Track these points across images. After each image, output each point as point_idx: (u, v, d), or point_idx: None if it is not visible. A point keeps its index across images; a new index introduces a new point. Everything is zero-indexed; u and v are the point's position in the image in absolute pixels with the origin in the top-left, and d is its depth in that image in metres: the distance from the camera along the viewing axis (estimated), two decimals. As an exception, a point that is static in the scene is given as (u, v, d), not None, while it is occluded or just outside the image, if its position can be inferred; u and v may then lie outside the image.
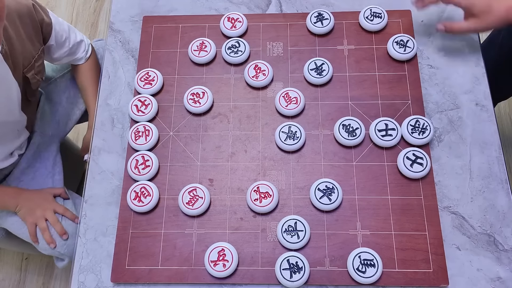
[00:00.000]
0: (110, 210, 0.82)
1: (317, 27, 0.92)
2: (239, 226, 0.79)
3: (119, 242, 0.79)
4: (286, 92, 0.86)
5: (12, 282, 1.41)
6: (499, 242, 0.77)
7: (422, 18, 0.94)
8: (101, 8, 1.85)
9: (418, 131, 0.81)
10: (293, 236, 0.75)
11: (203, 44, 0.92)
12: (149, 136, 0.85)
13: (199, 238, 0.78)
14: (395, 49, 0.88)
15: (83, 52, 1.03)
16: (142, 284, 0.77)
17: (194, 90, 0.88)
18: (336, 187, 0.78)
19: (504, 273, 0.75)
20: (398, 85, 0.88)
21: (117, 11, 1.01)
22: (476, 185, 0.81)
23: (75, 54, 1.02)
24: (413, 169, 0.79)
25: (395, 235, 0.77)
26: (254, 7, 0.98)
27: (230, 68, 0.92)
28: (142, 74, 0.90)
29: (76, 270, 0.79)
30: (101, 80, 0.94)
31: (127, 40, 0.97)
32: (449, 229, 0.78)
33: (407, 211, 0.78)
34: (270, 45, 0.93)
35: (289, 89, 0.86)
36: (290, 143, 0.82)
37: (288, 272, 0.73)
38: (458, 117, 0.86)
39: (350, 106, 0.86)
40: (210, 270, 0.74)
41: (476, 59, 0.90)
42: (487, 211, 0.79)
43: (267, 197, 0.79)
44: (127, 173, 0.83)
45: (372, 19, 0.92)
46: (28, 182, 0.99)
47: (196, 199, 0.79)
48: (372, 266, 0.73)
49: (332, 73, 0.89)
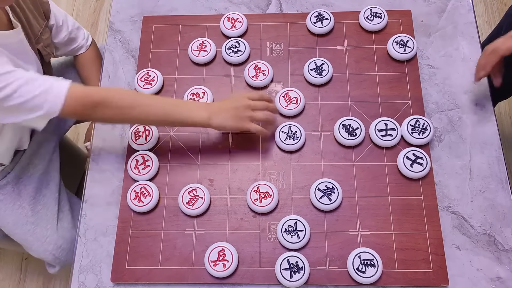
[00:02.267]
0: (110, 210, 0.82)
1: (317, 27, 0.92)
2: (239, 226, 0.79)
3: (119, 242, 0.79)
4: (286, 92, 0.86)
5: (12, 282, 1.41)
6: (499, 242, 0.77)
7: (422, 18, 0.94)
8: (101, 8, 1.85)
9: (418, 131, 0.81)
10: (293, 236, 0.75)
11: (203, 44, 0.92)
12: (149, 136, 0.85)
13: (199, 238, 0.78)
14: (395, 49, 0.88)
15: (83, 39, 1.02)
16: (142, 284, 0.77)
17: (194, 90, 0.88)
18: (336, 187, 0.78)
19: (504, 273, 0.75)
20: (398, 85, 0.87)
21: (117, 11, 1.01)
22: (476, 185, 0.81)
23: (75, 41, 1.01)
24: (413, 169, 0.79)
25: (395, 235, 0.77)
26: (254, 7, 0.98)
27: (230, 68, 0.92)
28: (142, 74, 0.90)
29: (76, 270, 0.79)
30: (101, 80, 0.94)
31: (127, 40, 0.97)
32: (449, 229, 0.78)
33: (407, 211, 0.78)
34: (270, 45, 0.93)
35: (289, 89, 0.86)
36: (290, 143, 0.82)
37: (288, 272, 0.73)
38: (458, 117, 0.86)
39: (350, 106, 0.86)
40: (210, 270, 0.74)
41: (476, 59, 0.90)
42: (487, 211, 0.79)
43: (267, 197, 0.79)
44: (127, 173, 0.83)
45: (372, 19, 0.92)
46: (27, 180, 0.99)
47: (196, 199, 0.79)
48: (372, 266, 0.73)
49: (332, 73, 0.89)
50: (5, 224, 0.96)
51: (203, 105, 0.80)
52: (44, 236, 0.95)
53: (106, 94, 0.75)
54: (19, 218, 0.95)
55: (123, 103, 0.75)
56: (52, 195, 0.99)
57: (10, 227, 0.96)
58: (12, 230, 0.96)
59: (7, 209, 0.95)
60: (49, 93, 0.70)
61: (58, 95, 0.71)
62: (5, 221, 0.96)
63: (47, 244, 0.95)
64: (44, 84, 0.71)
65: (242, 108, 0.78)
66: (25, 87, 0.69)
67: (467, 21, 0.94)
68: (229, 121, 0.77)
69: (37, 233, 0.95)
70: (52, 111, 0.71)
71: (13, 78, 0.69)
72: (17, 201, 0.95)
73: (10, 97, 0.68)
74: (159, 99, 0.81)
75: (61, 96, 0.71)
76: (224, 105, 0.79)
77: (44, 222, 0.96)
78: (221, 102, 0.80)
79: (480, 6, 1.73)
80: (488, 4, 1.74)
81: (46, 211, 0.97)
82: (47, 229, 0.96)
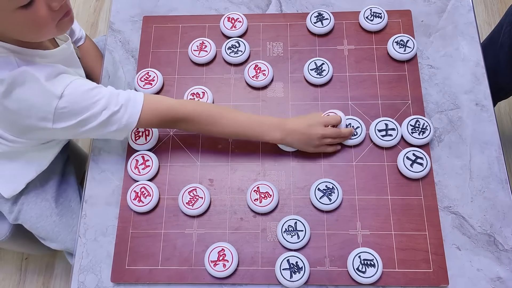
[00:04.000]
0: (110, 210, 0.82)
1: (317, 27, 0.92)
2: (239, 226, 0.79)
3: (119, 242, 0.79)
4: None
5: (12, 282, 1.41)
6: (499, 242, 0.77)
7: (422, 18, 0.94)
8: (101, 8, 1.85)
9: (418, 131, 0.81)
10: (293, 236, 0.75)
11: (203, 44, 0.92)
12: (149, 136, 0.85)
13: (199, 238, 0.78)
14: (395, 49, 0.88)
15: (80, 30, 1.01)
16: (142, 284, 0.77)
17: (194, 90, 0.88)
18: (336, 187, 0.78)
19: (504, 273, 0.75)
20: (398, 85, 0.87)
21: (117, 11, 1.01)
22: (476, 185, 0.81)
23: (74, 33, 0.99)
24: (413, 169, 0.79)
25: (395, 235, 0.77)
26: (254, 7, 0.98)
27: (230, 68, 0.92)
28: (142, 74, 0.90)
29: (76, 270, 0.79)
30: (101, 80, 0.94)
31: (127, 40, 0.97)
32: (449, 229, 0.78)
33: (407, 211, 0.78)
34: (270, 45, 0.93)
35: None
36: (290, 143, 0.82)
37: (288, 272, 0.73)
38: (458, 117, 0.86)
39: (350, 106, 0.86)
40: (210, 270, 0.74)
41: (476, 59, 0.90)
42: (487, 211, 0.79)
43: (267, 197, 0.79)
44: (127, 173, 0.83)
45: (372, 19, 0.92)
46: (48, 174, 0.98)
47: (196, 199, 0.79)
48: (372, 266, 0.73)
49: (332, 73, 0.89)
50: (27, 219, 0.96)
51: (277, 123, 0.79)
52: (71, 226, 0.97)
53: (193, 110, 0.77)
54: (43, 210, 0.96)
55: (208, 120, 0.77)
56: (71, 187, 1.01)
57: (33, 221, 0.96)
58: (35, 224, 0.97)
59: (30, 203, 0.95)
60: (128, 106, 0.72)
61: (135, 107, 0.73)
62: (28, 215, 0.96)
63: (74, 233, 0.97)
64: (124, 97, 0.72)
65: (316, 139, 0.79)
66: (109, 103, 0.71)
67: (467, 21, 0.94)
68: (301, 145, 0.81)
69: (63, 223, 0.97)
70: (130, 122, 0.73)
71: (100, 95, 0.71)
72: (40, 195, 0.96)
73: (99, 114, 0.70)
74: (239, 116, 0.80)
75: (138, 107, 0.73)
76: (299, 126, 0.79)
77: (69, 212, 0.98)
78: (296, 121, 0.80)
79: (480, 6, 1.73)
80: (488, 4, 1.74)
81: (69, 202, 0.99)
82: (73, 218, 0.97)
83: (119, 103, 0.72)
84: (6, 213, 0.97)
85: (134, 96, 0.74)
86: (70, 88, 0.69)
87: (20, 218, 0.97)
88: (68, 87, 0.68)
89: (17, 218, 0.96)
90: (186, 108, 0.77)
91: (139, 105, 0.73)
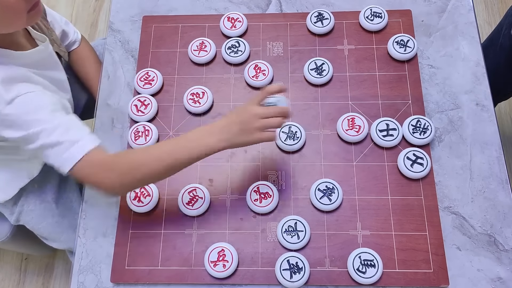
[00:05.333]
0: (110, 210, 0.82)
1: (317, 27, 0.92)
2: (239, 226, 0.79)
3: (119, 242, 0.79)
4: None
5: (12, 282, 1.41)
6: (500, 242, 0.76)
7: (422, 18, 0.94)
8: (101, 8, 1.85)
9: (419, 131, 0.81)
10: (293, 237, 0.75)
11: (203, 44, 0.92)
12: (149, 136, 0.84)
13: (199, 239, 0.78)
14: (395, 49, 0.88)
15: (74, 33, 0.99)
16: (142, 285, 0.77)
17: (194, 90, 0.88)
18: (336, 187, 0.78)
19: (505, 273, 0.75)
20: (398, 85, 0.87)
21: (116, 11, 1.01)
22: (477, 185, 0.80)
23: (68, 36, 0.97)
24: (414, 169, 0.79)
25: (395, 236, 0.77)
26: (254, 7, 0.98)
27: (230, 68, 0.92)
28: (142, 74, 0.90)
29: (76, 271, 0.78)
30: (100, 80, 0.94)
31: (126, 40, 0.97)
32: (449, 229, 0.78)
33: (407, 211, 0.78)
34: (270, 45, 0.93)
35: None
36: (290, 143, 0.82)
37: (288, 272, 0.73)
38: (459, 117, 0.86)
39: (350, 106, 0.86)
40: (210, 270, 0.74)
41: (476, 59, 0.90)
42: (487, 211, 0.79)
43: (267, 197, 0.78)
44: (127, 173, 0.83)
45: (372, 19, 0.92)
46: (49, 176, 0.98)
47: (196, 199, 0.79)
48: (372, 267, 0.73)
49: (332, 73, 0.88)
50: (28, 220, 0.97)
51: (207, 129, 0.69)
52: (73, 225, 0.96)
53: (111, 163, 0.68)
54: (44, 212, 0.96)
55: (131, 167, 0.68)
56: (72, 188, 1.00)
57: (35, 222, 0.97)
58: (36, 225, 0.97)
59: (30, 204, 0.95)
60: (68, 151, 0.66)
61: (72, 158, 0.66)
62: (29, 216, 0.96)
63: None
64: (73, 136, 0.66)
65: (249, 119, 0.67)
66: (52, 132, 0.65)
67: (467, 21, 0.94)
68: (239, 137, 0.68)
69: (65, 223, 0.97)
70: (63, 166, 0.66)
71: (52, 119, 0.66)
72: (40, 196, 0.96)
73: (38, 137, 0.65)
74: (163, 147, 0.71)
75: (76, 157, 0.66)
76: (228, 120, 0.69)
77: (71, 212, 0.98)
78: (224, 119, 0.70)
79: (480, 6, 1.73)
80: (488, 4, 1.74)
81: (70, 203, 0.99)
82: (75, 218, 0.96)
83: (62, 138, 0.65)
84: (7, 214, 0.97)
85: (83, 144, 0.66)
86: (24, 98, 0.65)
87: (22, 220, 0.97)
88: (23, 96, 0.65)
89: (18, 220, 0.97)
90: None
91: (78, 155, 0.65)
